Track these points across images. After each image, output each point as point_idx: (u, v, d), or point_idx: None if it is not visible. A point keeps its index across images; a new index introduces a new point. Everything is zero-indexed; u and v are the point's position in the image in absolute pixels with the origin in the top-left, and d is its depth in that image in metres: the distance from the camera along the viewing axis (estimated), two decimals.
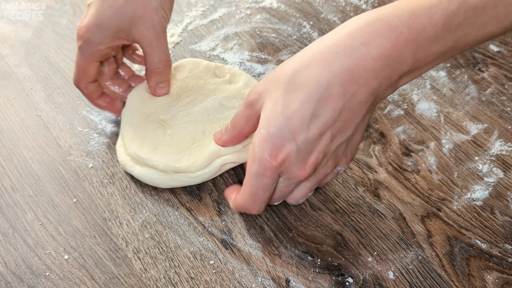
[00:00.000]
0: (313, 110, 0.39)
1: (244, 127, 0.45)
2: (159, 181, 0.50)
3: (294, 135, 0.39)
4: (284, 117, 0.39)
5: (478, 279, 0.46)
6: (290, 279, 0.46)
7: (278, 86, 0.40)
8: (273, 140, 0.40)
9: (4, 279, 0.46)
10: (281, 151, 0.40)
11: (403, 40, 0.38)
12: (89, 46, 0.49)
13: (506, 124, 0.57)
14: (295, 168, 0.41)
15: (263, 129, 0.40)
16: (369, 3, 0.70)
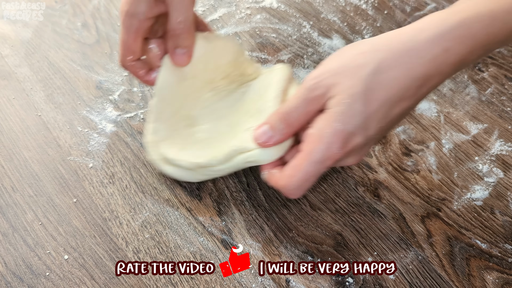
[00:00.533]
0: (387, 111, 0.40)
1: (302, 123, 0.43)
2: (188, 177, 0.50)
3: (365, 132, 0.41)
4: (363, 116, 0.40)
5: (478, 279, 0.46)
6: (290, 279, 0.46)
7: (355, 83, 0.40)
8: (346, 135, 0.40)
9: (4, 279, 0.46)
10: (349, 145, 0.41)
11: (479, 46, 0.40)
12: (129, 18, 0.48)
13: (506, 124, 0.57)
14: (352, 159, 0.43)
15: (338, 123, 0.40)
16: (369, 3, 0.70)
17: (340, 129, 0.40)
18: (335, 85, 0.41)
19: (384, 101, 0.40)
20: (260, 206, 0.51)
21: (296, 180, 0.42)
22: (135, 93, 0.60)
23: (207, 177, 0.51)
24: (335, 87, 0.41)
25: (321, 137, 0.40)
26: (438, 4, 0.69)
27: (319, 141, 0.40)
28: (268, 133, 0.44)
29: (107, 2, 0.71)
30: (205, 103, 0.52)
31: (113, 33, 0.67)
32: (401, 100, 0.40)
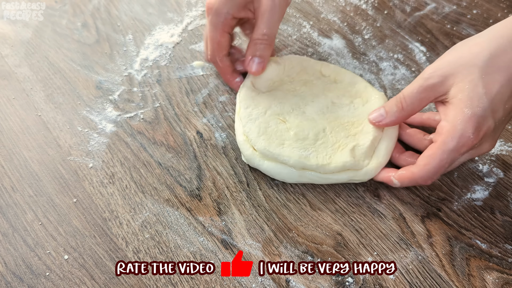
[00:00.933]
0: (510, 91, 0.43)
1: (415, 109, 0.47)
2: (287, 176, 0.50)
3: (494, 114, 0.43)
4: (488, 98, 0.42)
5: (478, 279, 0.46)
6: (290, 279, 0.46)
7: (472, 70, 0.43)
8: (478, 119, 0.42)
9: (4, 279, 0.46)
10: (482, 128, 0.43)
11: None
12: (219, 16, 0.51)
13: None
14: (487, 144, 0.45)
15: (467, 109, 0.42)
16: (369, 3, 0.70)
17: (470, 114, 0.42)
18: (453, 74, 0.44)
19: (504, 82, 0.42)
20: (260, 206, 0.51)
21: (430, 168, 0.45)
22: (135, 93, 0.60)
23: (308, 180, 0.51)
24: (453, 77, 0.44)
25: (454, 125, 0.43)
26: (438, 4, 0.69)
27: (453, 129, 0.43)
28: (382, 115, 0.49)
29: (107, 2, 0.71)
30: (292, 105, 0.54)
31: (113, 33, 0.67)
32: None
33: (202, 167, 0.54)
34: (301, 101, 0.54)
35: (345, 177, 0.50)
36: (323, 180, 0.50)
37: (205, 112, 0.59)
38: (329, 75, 0.57)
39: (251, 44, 0.52)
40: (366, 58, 0.64)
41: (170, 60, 0.64)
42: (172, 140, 0.56)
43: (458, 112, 0.43)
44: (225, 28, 0.53)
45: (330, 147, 0.50)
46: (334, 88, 0.55)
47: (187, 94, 0.60)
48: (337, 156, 0.50)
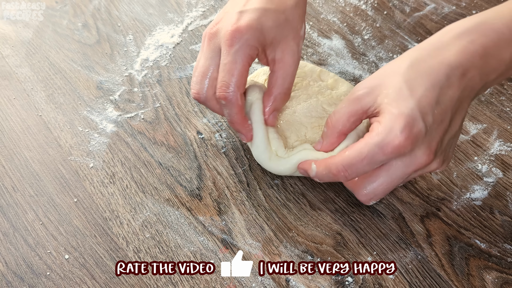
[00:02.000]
0: (437, 96, 0.41)
1: (345, 124, 0.45)
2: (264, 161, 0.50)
3: (424, 117, 0.41)
4: (413, 99, 0.41)
5: (477, 279, 0.46)
6: (290, 279, 0.46)
7: (396, 78, 0.42)
8: (406, 118, 0.40)
9: (5, 279, 0.46)
10: (412, 130, 0.40)
11: (504, 41, 0.42)
12: (248, 48, 0.46)
13: (505, 124, 0.57)
14: (420, 152, 0.42)
15: (394, 109, 0.41)
16: (368, 4, 0.70)
17: (396, 113, 0.41)
18: (378, 85, 0.43)
19: (428, 86, 0.41)
20: (260, 206, 0.51)
21: (346, 157, 0.42)
22: (136, 93, 0.61)
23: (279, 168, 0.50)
24: (378, 87, 0.43)
25: (382, 122, 0.41)
26: (438, 5, 0.70)
27: (381, 126, 0.41)
28: (320, 142, 0.48)
29: (108, 2, 0.71)
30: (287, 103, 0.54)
31: (113, 33, 0.67)
32: (448, 87, 0.41)
33: (202, 167, 0.54)
34: (295, 100, 0.54)
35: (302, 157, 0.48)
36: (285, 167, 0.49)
37: (205, 112, 0.59)
38: (327, 81, 0.57)
39: (276, 98, 0.49)
40: (366, 58, 0.64)
41: (171, 61, 0.64)
42: (173, 140, 0.56)
43: (386, 113, 0.41)
44: (250, 62, 0.47)
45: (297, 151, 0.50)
46: (328, 95, 0.55)
47: (188, 94, 0.60)
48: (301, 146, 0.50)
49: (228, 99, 0.46)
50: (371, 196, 0.45)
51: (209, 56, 0.48)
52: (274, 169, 0.50)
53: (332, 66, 0.63)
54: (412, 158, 0.42)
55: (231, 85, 0.46)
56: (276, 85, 0.48)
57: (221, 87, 0.46)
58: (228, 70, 0.46)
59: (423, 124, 0.41)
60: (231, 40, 0.45)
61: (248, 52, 0.46)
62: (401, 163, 0.42)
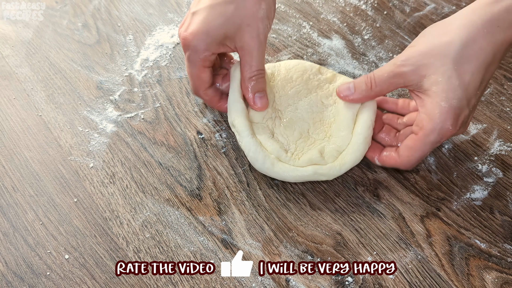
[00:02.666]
0: (482, 77, 0.45)
1: (383, 91, 0.49)
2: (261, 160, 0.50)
3: (469, 102, 0.45)
4: (462, 89, 0.44)
5: (477, 279, 0.46)
6: (290, 279, 0.46)
7: (445, 61, 0.44)
8: (455, 111, 0.44)
9: (5, 279, 0.46)
10: (460, 119, 0.45)
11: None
12: (197, 53, 0.50)
13: (505, 124, 0.57)
14: (462, 129, 0.47)
15: (443, 102, 0.44)
16: (368, 4, 0.70)
17: (448, 108, 0.44)
18: (426, 65, 0.45)
19: (475, 71, 0.44)
20: (260, 206, 0.51)
21: (414, 159, 0.48)
22: (136, 93, 0.61)
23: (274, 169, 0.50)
24: (426, 67, 0.45)
25: (433, 119, 0.45)
26: (438, 5, 0.70)
27: (432, 123, 0.45)
28: (351, 90, 0.51)
29: (108, 2, 0.71)
30: (289, 100, 0.55)
31: (113, 33, 0.67)
32: (490, 65, 0.44)
33: (202, 167, 0.54)
34: (296, 95, 0.55)
35: (310, 171, 0.50)
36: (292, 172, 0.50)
37: (205, 112, 0.59)
38: (326, 74, 0.57)
39: (247, 82, 0.51)
40: (366, 58, 0.64)
41: (171, 61, 0.64)
42: (173, 140, 0.56)
43: (435, 105, 0.45)
44: (205, 64, 0.51)
45: (307, 145, 0.52)
46: (326, 88, 0.55)
47: (188, 94, 0.60)
48: (307, 153, 0.51)
49: (197, 95, 0.55)
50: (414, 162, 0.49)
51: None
52: (281, 175, 0.50)
53: (332, 66, 0.63)
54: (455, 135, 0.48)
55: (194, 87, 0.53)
56: (243, 71, 0.51)
57: (191, 88, 0.55)
58: (188, 74, 0.53)
59: (468, 110, 0.45)
60: (183, 47, 0.51)
61: (198, 57, 0.50)
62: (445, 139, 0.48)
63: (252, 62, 0.51)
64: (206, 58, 0.51)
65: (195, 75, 0.52)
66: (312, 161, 0.50)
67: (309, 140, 0.52)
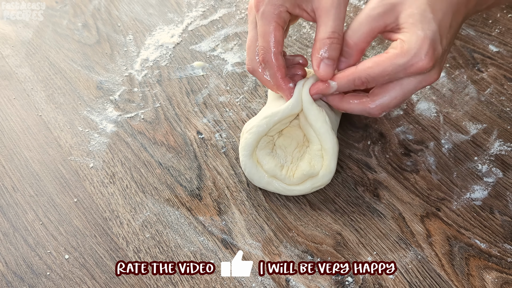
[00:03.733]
0: (451, 20, 0.44)
1: (368, 41, 0.46)
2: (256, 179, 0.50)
3: (442, 40, 0.44)
4: (436, 22, 0.43)
5: (477, 279, 0.46)
6: (290, 279, 0.46)
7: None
8: (430, 42, 0.43)
9: (5, 279, 0.46)
10: (434, 53, 0.43)
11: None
12: (273, 7, 0.46)
13: (505, 124, 0.57)
14: (434, 71, 0.45)
15: (419, 31, 0.43)
16: None
17: (423, 36, 0.43)
18: (399, 3, 0.44)
19: (445, 11, 0.44)
20: (260, 206, 0.51)
21: (371, 74, 0.44)
22: (136, 93, 0.61)
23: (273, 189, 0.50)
24: (400, 4, 0.44)
25: (409, 43, 0.43)
26: None
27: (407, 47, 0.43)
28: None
29: (108, 2, 0.71)
30: None
31: (113, 33, 0.67)
32: (456, 13, 0.44)
33: (202, 167, 0.54)
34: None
35: (308, 187, 0.49)
36: (288, 192, 0.50)
37: (205, 112, 0.59)
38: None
39: (319, 45, 0.46)
40: (366, 58, 0.64)
41: (171, 61, 0.64)
42: (173, 140, 0.56)
43: (412, 34, 0.43)
44: (280, 22, 0.47)
45: (300, 155, 0.50)
46: None
47: (188, 94, 0.60)
48: (299, 167, 0.49)
49: (265, 61, 0.48)
50: (385, 109, 0.46)
51: (251, 28, 0.50)
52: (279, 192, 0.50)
53: None
54: (426, 76, 0.45)
55: (267, 47, 0.47)
56: (318, 32, 0.46)
57: (259, 51, 0.48)
58: (261, 34, 0.47)
59: (441, 47, 0.44)
60: (257, 5, 0.47)
61: (273, 12, 0.47)
62: (414, 79, 0.45)
63: (328, 22, 0.46)
64: (281, 15, 0.47)
65: (270, 33, 0.47)
66: (305, 176, 0.49)
67: (302, 149, 0.51)
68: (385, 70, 0.43)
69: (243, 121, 0.58)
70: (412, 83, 0.45)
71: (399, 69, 0.43)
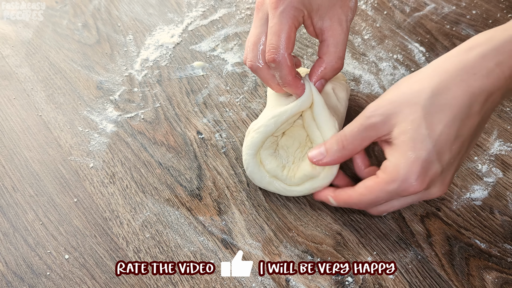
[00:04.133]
0: (457, 130, 0.40)
1: (356, 148, 0.44)
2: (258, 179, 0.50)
3: (440, 157, 0.40)
4: (431, 139, 0.40)
5: (477, 279, 0.46)
6: (290, 279, 0.46)
7: (415, 109, 0.40)
8: (422, 164, 0.40)
9: (5, 279, 0.46)
10: (427, 175, 0.40)
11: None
12: (293, 9, 0.46)
13: (505, 124, 0.57)
14: (435, 189, 0.42)
15: (410, 152, 0.40)
16: (368, 4, 0.70)
17: (414, 158, 0.40)
18: (395, 113, 0.41)
19: (448, 121, 0.40)
20: (260, 206, 0.51)
21: (365, 200, 0.43)
22: (136, 93, 0.61)
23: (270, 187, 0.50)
24: (395, 116, 0.41)
25: (397, 168, 0.41)
26: (438, 5, 0.70)
27: (395, 172, 0.41)
28: (323, 153, 0.46)
29: (108, 2, 0.71)
30: None
31: (113, 33, 0.67)
32: (468, 117, 0.40)
33: (202, 167, 0.54)
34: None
35: (308, 187, 0.49)
36: (288, 192, 0.50)
37: (205, 112, 0.59)
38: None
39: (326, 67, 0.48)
40: (366, 58, 0.64)
41: (171, 61, 0.64)
42: (173, 140, 0.56)
43: (402, 155, 0.41)
44: (296, 24, 0.47)
45: (302, 156, 0.50)
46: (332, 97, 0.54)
47: (188, 94, 0.60)
48: (300, 168, 0.49)
49: (277, 61, 0.46)
50: (382, 213, 0.46)
51: (259, 24, 0.48)
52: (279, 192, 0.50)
53: None
54: (426, 193, 0.43)
55: (280, 46, 0.46)
56: (327, 53, 0.48)
57: (269, 50, 0.47)
58: (274, 32, 0.46)
59: (439, 165, 0.40)
60: (276, 2, 0.46)
61: (293, 13, 0.46)
62: (415, 196, 0.43)
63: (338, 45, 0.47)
64: (298, 18, 0.46)
65: (285, 32, 0.46)
66: (306, 177, 0.48)
67: (304, 150, 0.51)
68: (378, 196, 0.43)
69: (243, 121, 0.58)
70: (411, 198, 0.44)
71: (393, 194, 0.42)
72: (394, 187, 0.41)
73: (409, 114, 0.40)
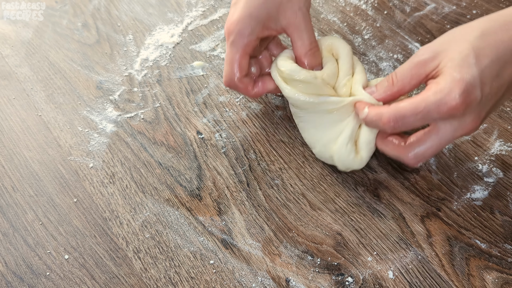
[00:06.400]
0: (499, 69, 0.42)
1: (405, 85, 0.46)
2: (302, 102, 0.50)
3: (482, 86, 0.42)
4: (477, 67, 0.42)
5: (477, 279, 0.46)
6: (290, 279, 0.46)
7: (463, 46, 0.43)
8: (466, 84, 0.41)
9: (5, 279, 0.46)
10: (469, 96, 0.42)
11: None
12: (241, 37, 0.50)
13: (505, 124, 0.57)
14: (470, 119, 0.43)
15: (456, 73, 0.42)
16: (369, 3, 0.70)
17: (459, 78, 0.42)
18: (444, 50, 0.44)
19: (494, 59, 0.42)
20: (260, 206, 0.51)
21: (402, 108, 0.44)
22: (135, 93, 0.61)
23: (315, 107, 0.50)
24: (444, 52, 0.44)
25: (442, 84, 0.42)
26: (438, 5, 0.70)
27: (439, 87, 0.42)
28: (373, 91, 0.48)
29: (107, 2, 0.71)
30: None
31: (113, 33, 0.67)
32: (507, 63, 0.42)
33: (202, 167, 0.54)
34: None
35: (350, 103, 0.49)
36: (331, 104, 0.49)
37: (205, 112, 0.59)
38: None
39: (304, 59, 0.51)
40: (366, 58, 0.64)
41: (170, 60, 0.64)
42: (172, 140, 0.56)
43: (447, 76, 0.42)
44: (247, 50, 0.51)
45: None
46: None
47: (187, 94, 0.60)
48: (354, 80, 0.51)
49: (232, 86, 0.53)
50: (420, 158, 0.46)
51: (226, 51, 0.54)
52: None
53: None
54: (462, 123, 0.44)
55: (233, 73, 0.52)
56: (296, 48, 0.51)
57: (224, 77, 0.53)
58: (227, 62, 0.52)
59: (480, 93, 0.42)
60: (227, 36, 0.51)
61: (241, 41, 0.50)
62: (450, 126, 0.44)
63: (303, 36, 0.51)
64: (249, 43, 0.51)
65: (236, 61, 0.51)
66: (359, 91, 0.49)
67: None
68: (417, 107, 0.43)
69: (243, 121, 0.58)
70: (448, 130, 0.44)
71: (432, 107, 0.42)
72: (436, 98, 0.42)
73: (457, 48, 0.43)
